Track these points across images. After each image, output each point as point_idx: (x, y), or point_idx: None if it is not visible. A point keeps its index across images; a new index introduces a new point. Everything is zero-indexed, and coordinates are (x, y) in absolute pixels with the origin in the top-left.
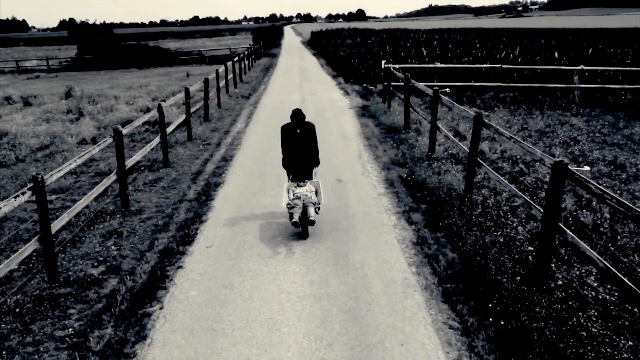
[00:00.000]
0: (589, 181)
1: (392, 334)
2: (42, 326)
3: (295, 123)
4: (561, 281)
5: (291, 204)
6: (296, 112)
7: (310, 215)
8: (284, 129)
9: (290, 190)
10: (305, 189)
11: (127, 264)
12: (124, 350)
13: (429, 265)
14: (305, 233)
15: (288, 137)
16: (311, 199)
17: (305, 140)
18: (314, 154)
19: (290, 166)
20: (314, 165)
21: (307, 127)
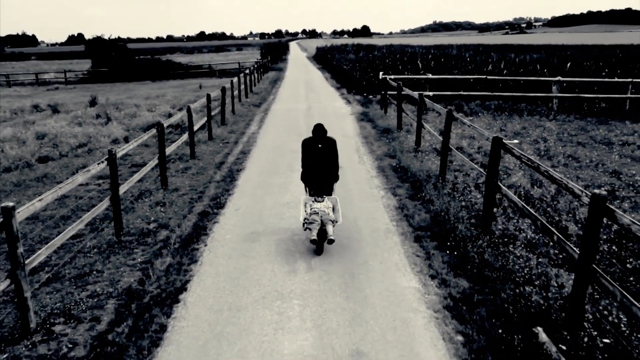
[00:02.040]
0: (516, 150)
1: (374, 258)
2: (117, 258)
3: (316, 137)
4: (501, 226)
5: (309, 219)
6: (318, 127)
7: (330, 233)
8: (305, 143)
9: (307, 205)
10: (323, 204)
11: (174, 222)
12: (182, 268)
13: (406, 221)
14: (320, 250)
15: (309, 152)
16: (329, 215)
17: (327, 155)
18: (334, 169)
19: (310, 181)
20: (333, 180)
21: (328, 142)
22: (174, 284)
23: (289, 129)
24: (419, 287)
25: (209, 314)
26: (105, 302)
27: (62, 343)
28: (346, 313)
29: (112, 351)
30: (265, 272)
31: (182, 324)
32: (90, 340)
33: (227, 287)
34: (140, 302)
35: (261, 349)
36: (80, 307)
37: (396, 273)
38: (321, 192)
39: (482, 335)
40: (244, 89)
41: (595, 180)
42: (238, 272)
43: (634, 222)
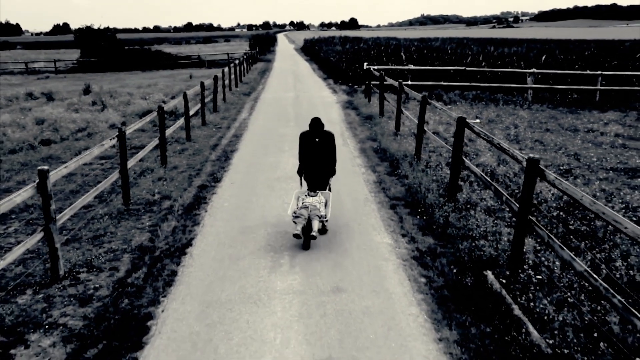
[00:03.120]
0: (476, 127)
1: (354, 220)
2: (127, 223)
3: (314, 131)
4: (465, 196)
5: (297, 212)
6: (315, 120)
7: (314, 230)
8: (303, 137)
9: (299, 199)
10: (316, 199)
11: (176, 194)
12: (186, 229)
13: (383, 192)
14: (307, 245)
15: (306, 145)
16: (319, 210)
17: (324, 149)
18: (331, 163)
19: (306, 175)
20: (330, 175)
21: (326, 135)
22: (180, 241)
23: (278, 115)
24: (391, 242)
25: (212, 262)
26: (121, 256)
27: (88, 286)
28: (329, 261)
29: (131, 290)
30: (260, 232)
31: (190, 270)
32: (112, 284)
33: (226, 242)
34: (152, 255)
35: (258, 285)
36: (99, 260)
37: (372, 232)
38: (316, 186)
39: (441, 277)
40: (234, 79)
41: (556, 161)
42: (236, 232)
43: (557, 177)
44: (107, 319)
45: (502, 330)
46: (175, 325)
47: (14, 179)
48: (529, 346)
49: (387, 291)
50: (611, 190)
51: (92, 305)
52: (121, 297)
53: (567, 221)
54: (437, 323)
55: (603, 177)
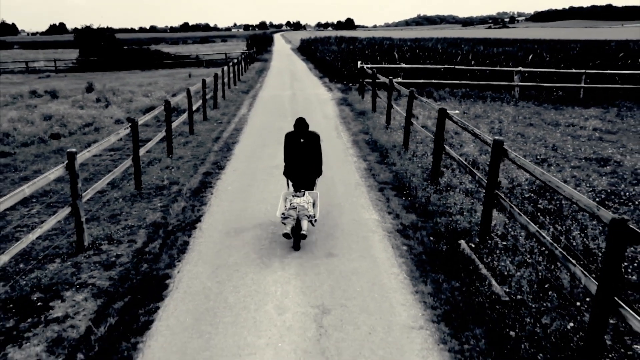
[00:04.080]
0: (455, 117)
1: (345, 201)
2: (140, 204)
3: (299, 132)
4: (446, 180)
5: (285, 213)
6: (300, 120)
7: (304, 229)
8: (288, 137)
9: (287, 199)
10: (303, 199)
11: (183, 180)
12: (195, 208)
13: (372, 178)
14: (297, 246)
15: (291, 146)
16: (307, 210)
17: (309, 149)
18: (317, 164)
19: (292, 175)
20: (316, 175)
21: (311, 136)
22: (190, 218)
23: (276, 111)
24: (378, 218)
25: (219, 234)
26: (137, 231)
27: (110, 254)
28: (322, 233)
29: (149, 257)
30: (260, 210)
31: (200, 240)
32: (131, 253)
33: (231, 219)
34: (165, 229)
35: (260, 252)
36: (118, 234)
37: (361, 210)
38: (303, 187)
39: (421, 245)
40: (232, 78)
41: (534, 152)
42: (239, 210)
43: (517, 156)
44: (130, 279)
45: (469, 284)
46: (189, 282)
47: (29, 168)
48: (490, 295)
49: (373, 256)
50: (581, 176)
51: (115, 269)
52: (140, 262)
53: (537, 201)
54: (414, 280)
55: (575, 166)
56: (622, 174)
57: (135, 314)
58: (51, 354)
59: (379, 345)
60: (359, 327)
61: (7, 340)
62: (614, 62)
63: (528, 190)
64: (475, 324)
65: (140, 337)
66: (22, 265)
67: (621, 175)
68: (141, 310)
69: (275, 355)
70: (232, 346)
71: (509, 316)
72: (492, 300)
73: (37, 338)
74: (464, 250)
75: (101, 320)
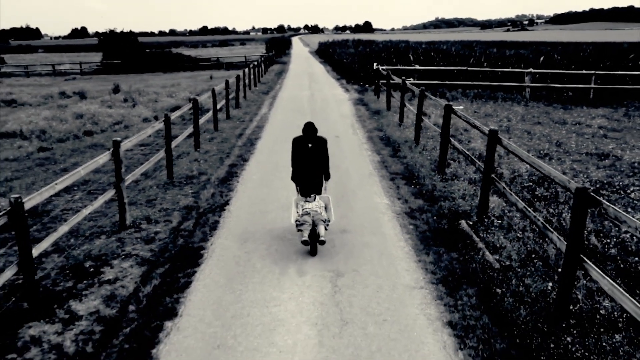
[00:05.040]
0: (459, 112)
1: (359, 188)
2: (173, 191)
3: (307, 136)
4: (452, 170)
5: (300, 220)
6: (308, 125)
7: (321, 235)
8: (295, 142)
9: (299, 205)
10: (315, 204)
11: (211, 170)
12: (223, 194)
13: (385, 169)
14: (314, 251)
15: (299, 151)
16: (321, 215)
17: (317, 154)
18: (324, 168)
19: (300, 180)
20: (324, 179)
21: (319, 141)
22: (219, 202)
23: (295, 110)
24: (388, 203)
25: (246, 214)
26: (172, 213)
27: (149, 231)
28: (337, 214)
29: (184, 234)
30: (282, 195)
31: (229, 220)
32: (168, 230)
33: (256, 202)
34: (197, 211)
35: (282, 229)
36: (155, 216)
37: (374, 196)
38: (311, 191)
39: (425, 225)
40: (252, 79)
41: (538, 147)
42: (264, 195)
43: (509, 143)
44: (169, 251)
45: (465, 255)
46: (221, 252)
47: (68, 161)
48: (483, 262)
49: (382, 233)
50: (580, 169)
51: (155, 243)
52: (177, 238)
53: (534, 189)
54: (418, 252)
55: (576, 159)
56: (620, 167)
57: (176, 277)
58: (107, 306)
59: (384, 300)
60: (368, 286)
61: (68, 296)
62: (624, 63)
63: (528, 180)
64: (468, 285)
65: (181, 293)
66: (73, 241)
67: (618, 168)
68: (180, 274)
69: (297, 306)
70: (260, 299)
71: (498, 278)
72: (484, 267)
73: (93, 295)
74: (463, 228)
75: (146, 281)
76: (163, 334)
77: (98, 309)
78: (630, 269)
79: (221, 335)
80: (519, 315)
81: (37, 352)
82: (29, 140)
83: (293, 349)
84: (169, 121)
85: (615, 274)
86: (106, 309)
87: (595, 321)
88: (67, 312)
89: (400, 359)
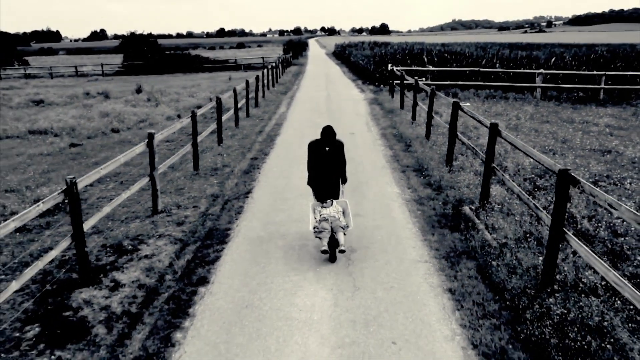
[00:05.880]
0: (466, 108)
1: (372, 179)
2: (199, 182)
3: (324, 140)
4: (459, 163)
5: (319, 227)
6: (327, 129)
7: (340, 243)
8: (312, 145)
9: (316, 211)
10: (332, 209)
11: (233, 163)
12: (246, 184)
13: (397, 162)
14: (334, 258)
15: (316, 155)
16: (339, 221)
17: (334, 158)
18: (342, 172)
19: (316, 185)
20: (341, 183)
21: (336, 145)
22: (242, 190)
23: (312, 109)
24: (399, 191)
25: (268, 201)
26: (199, 200)
27: (180, 216)
28: (351, 201)
29: (212, 217)
30: (301, 185)
31: (252, 205)
32: (197, 215)
33: (277, 190)
34: (223, 198)
35: (300, 213)
36: (184, 203)
37: (385, 186)
38: (328, 196)
39: (432, 210)
40: (271, 80)
41: (543, 143)
42: (283, 185)
43: (508, 134)
44: (198, 231)
45: (466, 234)
46: (246, 232)
47: (99, 155)
48: (482, 241)
49: (392, 217)
50: (582, 163)
51: (185, 225)
52: (205, 221)
53: (536, 181)
54: (424, 232)
55: (579, 155)
56: (620, 162)
57: (206, 253)
58: (146, 276)
59: (392, 271)
60: (378, 260)
61: (112, 268)
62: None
63: (530, 172)
64: (468, 259)
65: (212, 265)
66: (110, 224)
67: (619, 163)
68: (210, 250)
69: (315, 275)
70: (282, 270)
71: (494, 254)
72: (483, 244)
73: (133, 267)
74: (465, 212)
75: (180, 256)
76: (198, 297)
77: (139, 278)
78: (616, 248)
79: (248, 298)
80: (511, 284)
81: (89, 311)
82: (59, 137)
83: (311, 308)
84: (195, 117)
85: (603, 252)
86: (146, 279)
87: (577, 288)
88: (111, 281)
89: (404, 316)
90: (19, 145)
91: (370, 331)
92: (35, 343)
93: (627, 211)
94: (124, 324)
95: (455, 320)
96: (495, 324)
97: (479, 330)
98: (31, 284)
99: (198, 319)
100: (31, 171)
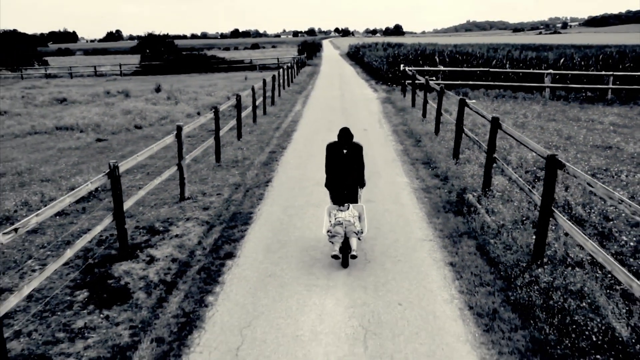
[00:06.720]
0: (471, 105)
1: (383, 170)
2: (221, 173)
3: (342, 142)
4: (465, 156)
5: (332, 231)
6: (344, 131)
7: (353, 248)
8: (330, 148)
9: (331, 214)
10: (348, 213)
11: (253, 157)
12: (265, 174)
13: (407, 156)
14: (346, 263)
15: (333, 157)
16: (354, 226)
17: (352, 161)
18: (360, 175)
19: (334, 188)
20: (359, 187)
21: (354, 147)
22: (262, 180)
23: (327, 108)
24: (408, 181)
25: (287, 188)
26: (222, 188)
27: (205, 202)
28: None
29: (235, 203)
30: (317, 175)
31: (272, 192)
32: (221, 201)
33: (294, 179)
34: (244, 187)
35: (318, 198)
36: (209, 191)
37: (395, 176)
38: (346, 200)
39: (438, 197)
40: (286, 80)
41: (547, 140)
42: (300, 175)
43: (508, 127)
44: (223, 215)
45: (468, 217)
46: (267, 216)
47: (124, 149)
48: (483, 223)
49: (401, 203)
50: (583, 157)
51: (211, 210)
52: (229, 206)
53: (536, 172)
54: (430, 216)
55: (581, 150)
56: (620, 157)
57: (231, 233)
58: (178, 252)
59: (400, 247)
60: (387, 238)
61: (146, 246)
62: None
63: (532, 164)
64: (469, 238)
65: (237, 243)
66: (141, 209)
67: (619, 157)
68: (235, 230)
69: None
70: (301, 246)
71: (492, 234)
72: (482, 226)
73: (165, 245)
74: (468, 199)
75: (207, 236)
76: (226, 268)
77: (172, 254)
78: (605, 231)
79: (271, 269)
80: (505, 258)
81: (129, 280)
82: (85, 133)
83: (327, 276)
84: (218, 112)
85: (594, 234)
86: (178, 254)
87: (565, 262)
88: (147, 256)
89: (409, 284)
90: (47, 140)
91: (379, 295)
92: (85, 304)
93: (601, 188)
94: (161, 290)
95: (455, 288)
96: (489, 291)
97: (475, 295)
98: (75, 259)
99: (227, 285)
100: (62, 163)
